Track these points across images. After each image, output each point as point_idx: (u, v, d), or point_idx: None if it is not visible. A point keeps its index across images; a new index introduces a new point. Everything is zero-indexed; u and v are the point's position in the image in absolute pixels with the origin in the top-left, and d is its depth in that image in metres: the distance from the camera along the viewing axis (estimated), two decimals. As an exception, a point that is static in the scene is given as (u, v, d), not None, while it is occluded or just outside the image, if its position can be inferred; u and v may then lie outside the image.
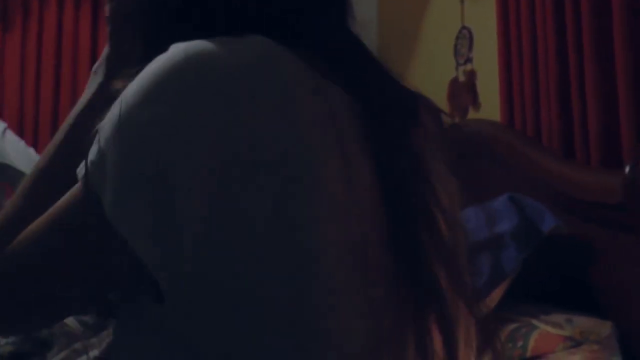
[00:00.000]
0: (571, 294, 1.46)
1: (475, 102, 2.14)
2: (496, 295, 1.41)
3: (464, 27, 2.22)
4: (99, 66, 0.70)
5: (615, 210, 1.28)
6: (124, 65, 0.58)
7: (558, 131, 1.62)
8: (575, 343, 1.29)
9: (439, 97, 2.31)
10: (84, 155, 0.52)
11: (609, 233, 1.35)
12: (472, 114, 2.16)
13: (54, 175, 0.65)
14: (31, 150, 1.95)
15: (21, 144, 1.94)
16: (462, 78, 2.21)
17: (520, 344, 1.30)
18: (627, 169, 1.19)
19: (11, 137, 1.91)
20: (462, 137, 1.85)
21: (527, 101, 1.74)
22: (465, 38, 2.21)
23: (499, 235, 1.46)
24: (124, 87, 0.52)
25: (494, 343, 0.62)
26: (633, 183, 1.18)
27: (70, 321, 1.40)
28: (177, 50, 0.52)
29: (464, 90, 2.17)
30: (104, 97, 0.56)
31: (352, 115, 0.55)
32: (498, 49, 1.86)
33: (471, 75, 2.16)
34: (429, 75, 2.44)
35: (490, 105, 2.04)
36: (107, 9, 0.72)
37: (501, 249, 1.44)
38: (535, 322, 1.34)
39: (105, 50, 0.70)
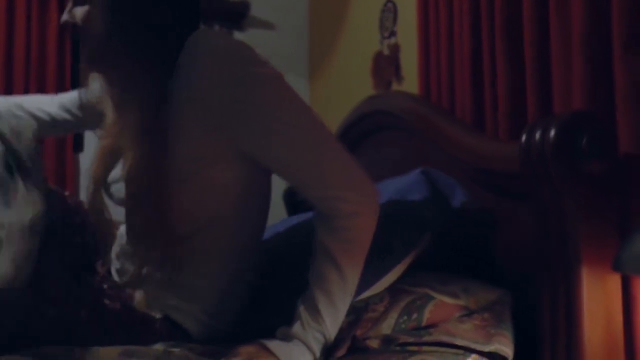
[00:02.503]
0: (475, 264, 1.49)
1: (398, 76, 2.16)
2: (402, 266, 1.42)
3: (389, 1, 2.23)
4: None
5: (514, 179, 1.30)
6: None
7: (470, 105, 1.66)
8: (469, 312, 1.31)
9: (364, 70, 2.33)
10: None
11: (509, 202, 1.38)
12: (395, 88, 2.18)
13: None
14: None
15: None
16: (386, 52, 2.22)
17: (415, 316, 1.29)
18: (523, 138, 1.22)
19: None
20: (379, 109, 1.87)
21: (442, 75, 1.77)
22: (390, 12, 2.22)
23: (407, 207, 1.46)
24: None
25: None
26: (528, 152, 1.20)
27: None
28: None
29: (388, 64, 2.18)
30: None
31: None
32: (417, 23, 1.89)
33: (395, 49, 2.18)
34: (356, 48, 2.45)
35: (413, 79, 2.07)
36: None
37: (408, 221, 1.43)
38: (430, 292, 1.33)
39: None
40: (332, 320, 1.18)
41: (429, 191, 1.46)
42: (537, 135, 1.19)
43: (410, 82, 2.11)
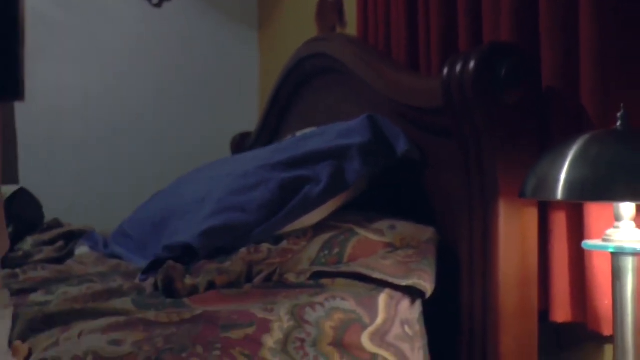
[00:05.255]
0: (405, 202, 1.48)
1: (342, 21, 2.14)
2: (333, 204, 1.41)
3: (334, -55, 2.19)
4: None
5: (439, 114, 1.29)
6: None
7: (405, 47, 1.65)
8: (394, 249, 1.29)
9: (312, 18, 2.29)
10: None
11: (436, 138, 1.36)
12: (339, 33, 2.15)
13: None
14: None
15: None
16: (330, -3, 2.19)
17: (336, 251, 1.28)
18: (444, 71, 1.20)
19: None
20: (317, 52, 1.85)
21: (380, 18, 1.76)
22: (335, -44, 2.18)
23: (345, 147, 1.45)
24: None
25: None
26: (449, 84, 1.19)
27: None
28: None
29: (331, 9, 2.15)
30: None
31: None
32: (356, -34, 1.86)
33: (339, -7, 2.15)
34: (303, -5, 2.41)
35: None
36: None
37: (345, 160, 1.43)
38: (355, 228, 1.32)
39: None
40: None
41: (371, 135, 1.45)
42: (458, 67, 1.18)
43: (354, 26, 2.08)
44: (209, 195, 1.47)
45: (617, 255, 0.93)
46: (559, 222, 1.20)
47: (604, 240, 0.95)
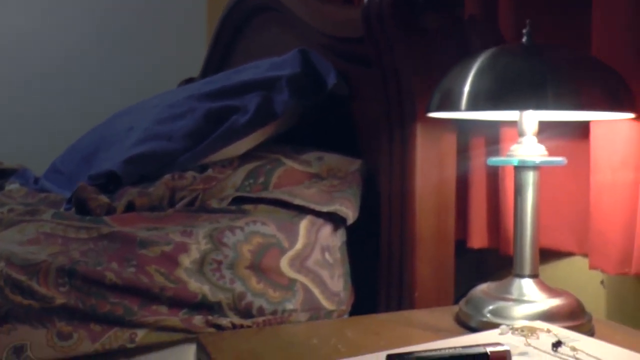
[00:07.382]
0: (333, 134, 1.49)
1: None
2: (260, 135, 1.41)
3: None
4: None
5: (360, 43, 1.28)
6: None
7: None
8: (320, 180, 1.30)
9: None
10: None
11: (360, 69, 1.37)
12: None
13: None
14: None
15: None
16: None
17: (261, 180, 1.28)
18: (365, -1, 1.19)
19: None
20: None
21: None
22: None
23: (274, 78, 1.44)
24: None
25: None
26: (368, 10, 1.18)
27: None
28: None
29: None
30: None
31: None
32: None
33: None
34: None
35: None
36: None
37: (273, 91, 1.42)
38: (282, 159, 1.33)
39: None
40: None
41: (301, 68, 1.45)
42: (379, -7, 1.17)
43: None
44: (136, 124, 1.46)
45: (519, 170, 0.94)
46: (478, 148, 1.22)
47: (508, 155, 0.96)
